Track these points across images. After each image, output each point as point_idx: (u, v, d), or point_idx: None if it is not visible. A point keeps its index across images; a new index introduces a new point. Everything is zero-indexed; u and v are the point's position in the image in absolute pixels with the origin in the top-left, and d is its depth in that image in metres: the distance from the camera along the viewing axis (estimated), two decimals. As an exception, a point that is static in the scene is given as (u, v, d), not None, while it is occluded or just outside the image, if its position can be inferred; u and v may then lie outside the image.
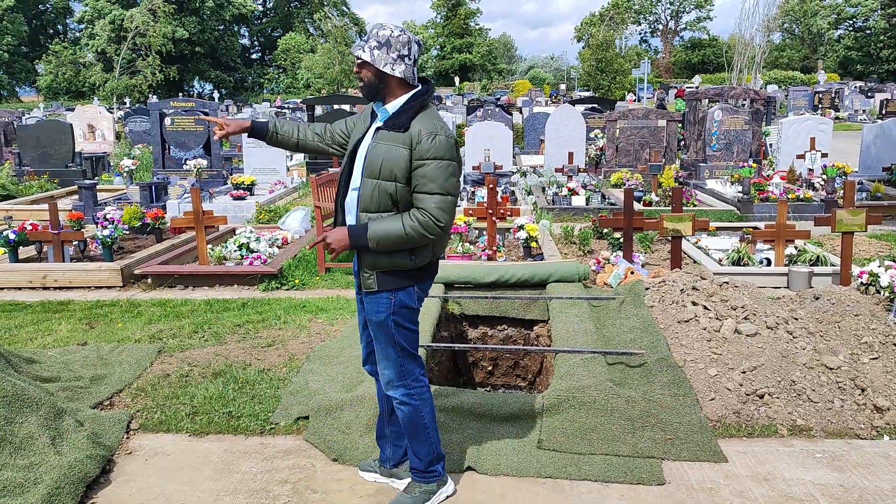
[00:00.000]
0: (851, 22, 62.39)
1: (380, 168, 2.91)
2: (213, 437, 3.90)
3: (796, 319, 4.74)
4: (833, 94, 35.67)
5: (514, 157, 16.43)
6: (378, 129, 2.99)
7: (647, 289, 5.45)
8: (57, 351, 5.07)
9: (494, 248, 7.38)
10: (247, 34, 72.73)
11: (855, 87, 42.77)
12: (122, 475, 3.53)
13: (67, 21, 66.83)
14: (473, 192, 11.16)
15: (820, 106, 34.44)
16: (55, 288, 6.99)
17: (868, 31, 60.86)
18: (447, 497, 3.24)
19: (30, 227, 7.44)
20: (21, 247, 7.43)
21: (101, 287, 7.00)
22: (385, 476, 3.42)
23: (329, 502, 3.27)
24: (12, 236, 7.28)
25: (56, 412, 3.70)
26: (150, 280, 7.02)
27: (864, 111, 33.79)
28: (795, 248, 7.05)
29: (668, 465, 3.52)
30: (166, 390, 4.40)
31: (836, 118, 30.71)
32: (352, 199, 3.03)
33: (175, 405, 4.20)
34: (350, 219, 3.05)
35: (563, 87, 49.38)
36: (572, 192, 10.95)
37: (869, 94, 39.28)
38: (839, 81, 47.73)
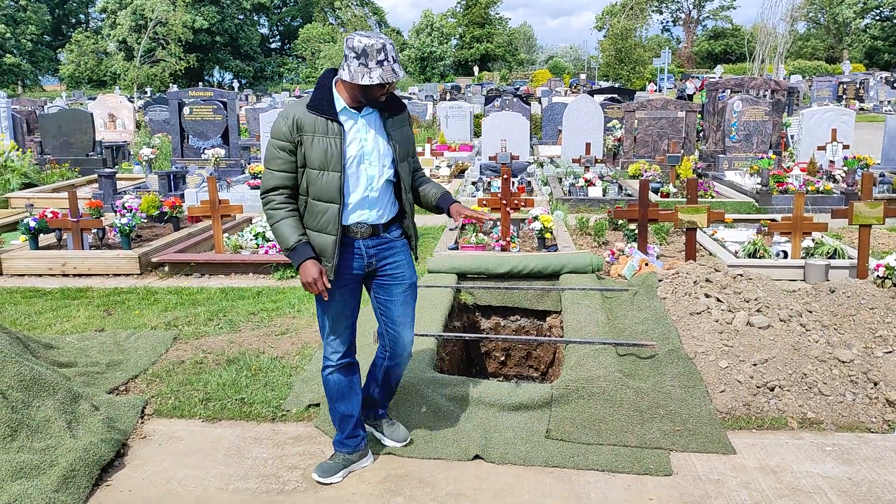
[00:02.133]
0: (878, 11, 61.30)
1: (408, 149, 3.31)
2: (226, 423, 3.96)
3: (810, 312, 4.71)
4: (858, 85, 35.12)
5: (532, 147, 16.39)
6: (386, 117, 3.23)
7: (660, 280, 5.43)
8: (75, 337, 5.16)
9: (508, 238, 7.38)
10: (266, 24, 72.94)
11: (881, 77, 42.02)
12: (136, 459, 3.59)
13: (90, 10, 67.40)
14: (489, 183, 11.16)
15: (844, 97, 33.96)
16: (74, 275, 7.10)
17: (895, 21, 59.81)
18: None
19: (50, 215, 7.55)
20: (41, 234, 7.55)
21: (118, 274, 7.10)
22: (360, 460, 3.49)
23: (338, 488, 3.31)
24: (33, 224, 7.40)
25: (72, 396, 3.77)
26: (166, 268, 7.11)
27: (889, 102, 33.27)
28: (813, 240, 6.99)
29: (675, 457, 3.52)
30: (181, 377, 4.47)
31: (861, 109, 30.27)
32: (388, 189, 3.26)
33: (189, 391, 4.27)
34: (386, 211, 3.27)
35: (582, 76, 49.06)
36: (589, 182, 10.91)
37: (895, 84, 38.61)
38: (865, 72, 46.99)
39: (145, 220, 8.51)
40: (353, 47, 2.98)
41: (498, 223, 7.80)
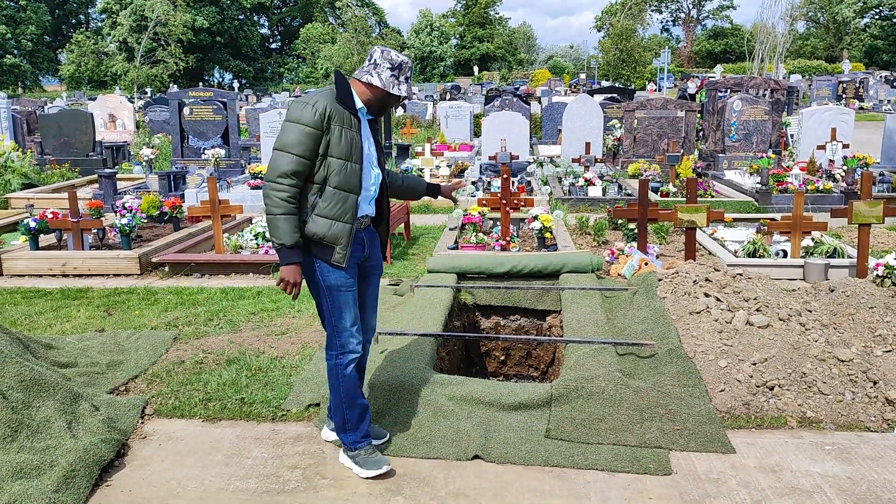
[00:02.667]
0: (878, 10, 61.26)
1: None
2: (226, 423, 3.96)
3: (810, 311, 4.71)
4: (857, 84, 35.11)
5: (532, 147, 16.40)
6: (374, 127, 3.46)
7: (659, 280, 5.43)
8: (75, 337, 5.16)
9: (508, 238, 7.39)
10: (266, 24, 72.92)
11: (880, 76, 41.99)
12: (136, 459, 3.60)
13: (90, 11, 67.39)
14: (489, 182, 11.16)
15: (844, 96, 33.95)
16: (74, 275, 7.10)
17: (895, 21, 59.76)
18: None
19: (50, 216, 7.55)
20: (42, 235, 7.55)
21: (119, 275, 7.11)
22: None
23: (338, 487, 3.32)
24: (33, 224, 7.40)
25: (72, 397, 3.77)
26: (167, 268, 7.11)
27: (888, 101, 33.25)
28: (812, 239, 6.99)
29: (675, 456, 3.52)
30: (181, 376, 4.47)
31: (861, 108, 30.26)
32: (376, 191, 3.44)
33: (189, 391, 4.27)
34: (373, 208, 3.45)
35: (582, 76, 49.02)
36: (589, 182, 10.91)
37: (894, 83, 38.59)
38: (864, 71, 46.94)
39: (145, 221, 8.52)
40: (391, 59, 3.23)
41: (498, 223, 7.81)
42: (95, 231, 7.71)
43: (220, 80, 65.57)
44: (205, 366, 4.63)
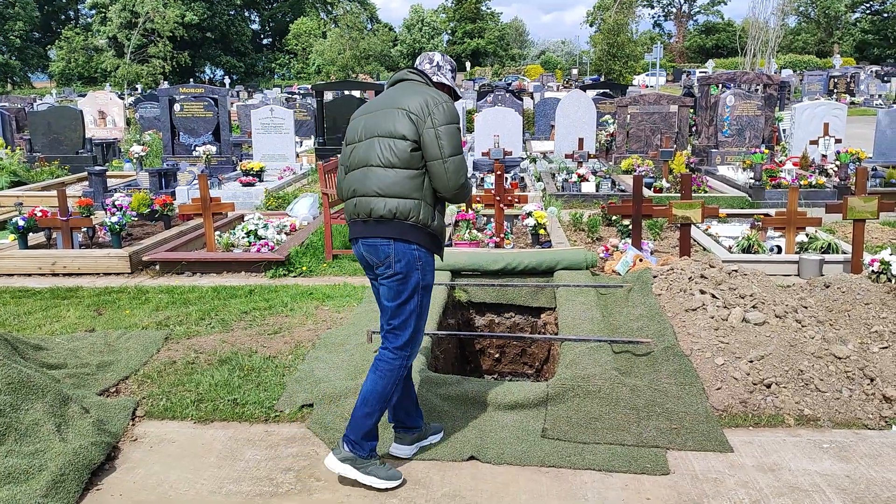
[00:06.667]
0: (869, 5, 61.47)
1: None
2: (218, 425, 3.91)
3: (805, 308, 4.69)
4: (849, 79, 35.20)
5: (524, 143, 16.35)
6: None
7: (654, 276, 5.41)
8: (64, 337, 5.09)
9: (502, 235, 7.35)
10: (257, 19, 72.60)
11: (871, 71, 42.17)
12: (126, 462, 3.54)
13: (79, 7, 66.92)
14: (483, 179, 11.12)
15: (835, 91, 34.03)
16: (64, 274, 7.03)
17: (886, 15, 59.99)
18: None
19: (39, 214, 7.47)
20: (31, 233, 7.47)
21: (109, 274, 7.03)
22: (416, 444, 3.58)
23: (332, 490, 3.27)
24: (22, 223, 7.31)
25: (62, 399, 3.71)
26: (157, 267, 7.05)
27: (880, 96, 33.36)
28: (807, 235, 6.98)
29: (672, 455, 3.49)
30: (172, 377, 4.41)
31: (852, 103, 30.33)
32: None
33: (181, 392, 4.21)
34: None
35: (574, 71, 48.97)
36: (582, 178, 10.87)
37: (885, 78, 38.74)
38: (855, 66, 47.09)
39: (136, 219, 8.43)
40: (450, 62, 3.46)
41: (492, 219, 7.77)
42: (85, 229, 7.63)
43: (211, 76, 65.25)
44: (196, 366, 4.57)
